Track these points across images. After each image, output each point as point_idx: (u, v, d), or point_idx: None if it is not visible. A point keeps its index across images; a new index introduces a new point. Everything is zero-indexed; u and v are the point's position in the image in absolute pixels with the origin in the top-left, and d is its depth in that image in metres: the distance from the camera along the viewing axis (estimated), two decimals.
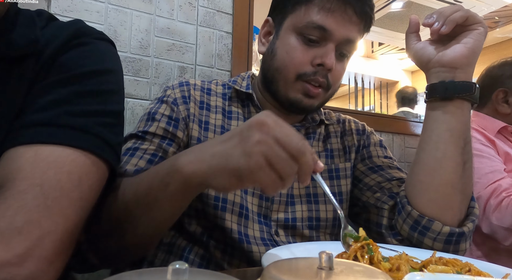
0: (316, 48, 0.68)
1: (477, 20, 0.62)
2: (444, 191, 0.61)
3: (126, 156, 0.63)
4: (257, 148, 0.38)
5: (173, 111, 0.69)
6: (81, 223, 0.43)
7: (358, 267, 0.26)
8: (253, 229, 0.67)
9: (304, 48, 0.69)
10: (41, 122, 0.42)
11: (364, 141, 0.82)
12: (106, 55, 0.53)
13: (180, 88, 0.73)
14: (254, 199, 0.70)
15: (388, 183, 0.73)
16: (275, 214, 0.70)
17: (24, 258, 0.35)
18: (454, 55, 0.62)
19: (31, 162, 0.39)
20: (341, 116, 0.88)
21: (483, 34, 0.62)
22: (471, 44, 0.62)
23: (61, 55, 0.48)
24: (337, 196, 0.75)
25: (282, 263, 0.26)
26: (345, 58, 0.73)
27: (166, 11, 1.17)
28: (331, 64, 0.67)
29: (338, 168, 0.77)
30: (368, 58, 6.38)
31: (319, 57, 0.68)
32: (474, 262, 0.48)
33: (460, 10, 0.61)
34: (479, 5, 3.78)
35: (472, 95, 0.62)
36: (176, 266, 0.20)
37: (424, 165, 0.64)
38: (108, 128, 0.47)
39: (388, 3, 4.43)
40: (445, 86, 0.63)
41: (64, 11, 1.02)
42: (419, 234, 0.61)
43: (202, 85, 0.77)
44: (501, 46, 5.68)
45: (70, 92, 0.45)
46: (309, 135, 0.79)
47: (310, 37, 0.68)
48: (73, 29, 0.51)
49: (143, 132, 0.66)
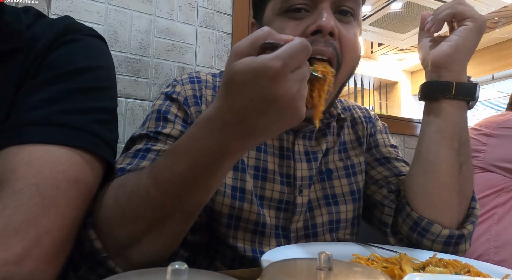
0: (307, 18, 0.56)
1: (465, 15, 0.59)
2: (440, 194, 0.61)
3: (136, 158, 0.54)
4: (294, 101, 0.36)
5: (186, 114, 0.62)
6: (79, 222, 0.42)
7: (357, 267, 0.26)
8: (270, 246, 0.62)
9: (292, 23, 0.57)
10: (34, 122, 0.42)
11: (371, 129, 0.78)
12: (97, 52, 0.52)
13: (192, 85, 0.65)
14: (271, 212, 0.64)
15: (395, 179, 0.70)
16: (295, 224, 0.65)
17: (22, 257, 0.35)
18: (437, 54, 0.61)
19: (26, 162, 0.39)
20: (343, 103, 0.80)
21: (471, 29, 0.59)
22: (455, 41, 0.59)
23: (51, 52, 0.47)
24: (356, 194, 0.70)
25: (281, 264, 0.26)
26: (350, 18, 0.59)
27: (166, 11, 1.17)
28: (329, 25, 0.53)
29: (353, 164, 0.72)
30: (367, 58, 6.38)
31: (312, 24, 0.55)
32: (474, 263, 0.48)
33: (450, 7, 0.59)
34: (479, 5, 3.79)
35: (452, 95, 0.60)
36: (175, 266, 0.20)
37: (419, 167, 0.63)
38: (102, 125, 0.46)
39: (387, 3, 4.44)
40: (427, 87, 0.63)
41: (64, 11, 1.02)
42: (418, 235, 0.61)
43: (214, 83, 0.68)
44: (501, 47, 5.69)
45: (62, 90, 0.45)
46: (324, 131, 0.71)
47: (295, 7, 0.57)
48: (62, 25, 0.50)
49: (155, 133, 0.58)
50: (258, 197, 0.63)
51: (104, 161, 0.47)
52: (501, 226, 1.26)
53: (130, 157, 0.54)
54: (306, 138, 0.68)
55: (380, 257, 0.49)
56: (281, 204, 0.64)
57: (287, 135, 0.67)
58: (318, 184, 0.68)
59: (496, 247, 1.24)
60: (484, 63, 5.78)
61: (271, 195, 0.64)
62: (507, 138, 1.27)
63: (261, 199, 0.64)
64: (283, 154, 0.66)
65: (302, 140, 0.68)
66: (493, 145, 1.29)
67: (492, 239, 1.26)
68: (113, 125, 0.50)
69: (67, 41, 0.49)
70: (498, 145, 1.28)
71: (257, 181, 0.64)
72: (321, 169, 0.69)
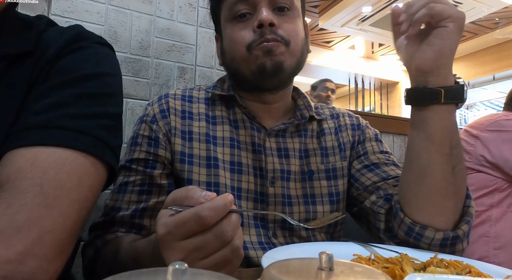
0: (251, 19, 0.68)
1: (444, 15, 0.56)
2: (434, 199, 0.60)
3: (120, 193, 0.65)
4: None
5: (151, 130, 0.68)
6: (81, 223, 0.43)
7: (358, 267, 0.26)
8: (250, 235, 0.66)
9: (240, 26, 0.69)
10: (42, 125, 0.43)
11: (359, 137, 0.80)
12: (106, 59, 0.53)
13: (159, 103, 0.72)
14: (249, 203, 0.69)
15: (384, 183, 0.71)
16: (272, 216, 0.69)
17: (24, 256, 0.35)
18: (422, 60, 0.58)
19: (31, 163, 0.40)
20: (335, 110, 0.84)
21: (452, 31, 0.56)
22: (438, 46, 0.57)
23: (61, 58, 0.49)
24: (334, 197, 0.74)
25: (282, 264, 0.26)
26: (287, 11, 0.70)
27: (166, 12, 1.17)
28: (266, 18, 0.65)
29: (335, 168, 0.75)
30: (368, 59, 6.39)
31: (255, 22, 0.66)
32: (475, 263, 0.48)
33: (425, 7, 0.56)
34: (479, 6, 3.79)
35: (441, 102, 0.58)
36: (176, 266, 0.20)
37: (410, 174, 0.62)
38: (107, 130, 0.47)
39: (388, 4, 4.44)
40: (415, 94, 0.61)
41: (65, 12, 1.02)
42: (414, 240, 0.61)
43: (183, 94, 0.75)
44: (501, 47, 5.69)
45: (70, 95, 0.46)
46: (300, 132, 0.76)
47: (239, 13, 0.68)
48: (72, 33, 0.52)
49: (129, 161, 0.67)
50: (235, 189, 0.68)
51: (107, 165, 0.47)
52: (499, 227, 1.25)
53: (116, 193, 0.66)
54: (279, 136, 0.74)
55: (381, 257, 0.49)
56: (256, 195, 0.69)
57: (259, 133, 0.72)
58: (299, 183, 0.73)
59: (496, 249, 1.24)
60: (485, 64, 5.78)
61: (247, 187, 0.69)
62: (494, 139, 1.28)
63: (238, 191, 0.68)
64: (255, 149, 0.72)
65: (275, 138, 0.73)
66: (479, 146, 1.29)
67: (492, 241, 1.26)
68: (117, 131, 0.51)
69: (77, 48, 0.50)
70: (483, 146, 1.29)
71: (233, 174, 0.69)
72: (303, 169, 0.74)
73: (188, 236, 0.37)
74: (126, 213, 0.64)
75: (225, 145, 0.70)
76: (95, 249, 0.61)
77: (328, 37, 5.72)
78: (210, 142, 0.69)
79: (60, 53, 0.49)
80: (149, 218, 0.64)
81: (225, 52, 0.73)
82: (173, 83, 1.16)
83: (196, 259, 0.37)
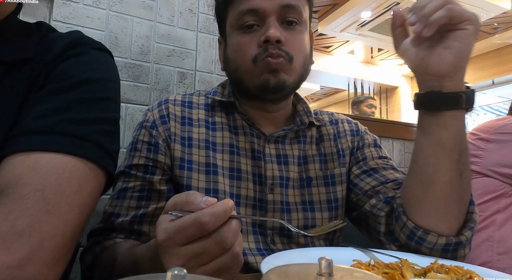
0: (259, 31, 0.67)
1: (464, 17, 0.53)
2: (439, 205, 0.59)
3: (119, 199, 0.65)
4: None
5: (151, 136, 0.68)
6: (80, 229, 0.43)
7: (358, 273, 0.26)
8: (248, 241, 0.66)
9: (247, 37, 0.68)
10: (40, 130, 0.43)
11: (358, 143, 0.80)
12: (104, 65, 0.54)
13: (159, 108, 0.72)
14: (247, 210, 0.69)
15: (383, 187, 0.71)
16: (271, 222, 0.69)
17: (24, 261, 0.35)
18: (440, 63, 0.56)
19: (31, 168, 0.40)
20: (334, 116, 0.85)
21: (472, 33, 0.54)
22: (458, 49, 0.54)
23: (59, 63, 0.49)
24: (332, 203, 0.73)
25: (281, 269, 0.26)
26: (295, 26, 0.69)
27: (166, 17, 1.17)
28: (274, 35, 0.64)
29: (333, 174, 0.75)
30: (367, 63, 6.40)
31: (262, 36, 0.66)
32: (476, 269, 0.48)
33: (443, 8, 0.52)
34: (478, 11, 3.81)
35: (462, 107, 0.57)
36: (174, 272, 0.20)
37: (416, 179, 0.62)
38: (106, 136, 0.48)
39: (387, 9, 4.46)
40: (431, 98, 0.58)
41: (66, 17, 1.03)
42: (416, 244, 0.60)
43: (183, 99, 0.75)
44: (500, 52, 5.71)
45: (68, 100, 0.46)
46: (299, 138, 0.77)
47: (247, 24, 0.67)
48: (72, 38, 0.52)
49: (128, 167, 0.67)
50: (234, 196, 0.68)
51: (106, 171, 0.48)
52: (503, 232, 1.24)
53: (115, 199, 0.66)
54: (278, 143, 0.74)
55: (381, 262, 0.49)
56: (255, 202, 0.69)
57: (258, 139, 0.72)
58: (298, 190, 0.73)
59: (500, 254, 1.23)
60: (484, 68, 5.80)
61: (246, 193, 0.69)
62: (505, 143, 1.27)
63: (237, 198, 0.68)
64: (254, 155, 0.72)
65: (274, 144, 0.73)
66: (491, 150, 1.28)
67: (495, 246, 1.25)
68: (115, 136, 0.51)
69: (76, 53, 0.51)
70: (495, 150, 1.27)
71: (232, 181, 0.69)
72: (302, 176, 0.74)
73: (188, 242, 0.36)
74: (125, 219, 0.64)
75: (225, 152, 0.70)
76: (94, 255, 0.61)
77: (328, 42, 5.75)
78: (210, 148, 0.69)
79: (58, 58, 0.49)
80: (148, 224, 0.64)
81: (228, 60, 0.73)
82: (173, 88, 1.17)
83: (196, 265, 0.37)
